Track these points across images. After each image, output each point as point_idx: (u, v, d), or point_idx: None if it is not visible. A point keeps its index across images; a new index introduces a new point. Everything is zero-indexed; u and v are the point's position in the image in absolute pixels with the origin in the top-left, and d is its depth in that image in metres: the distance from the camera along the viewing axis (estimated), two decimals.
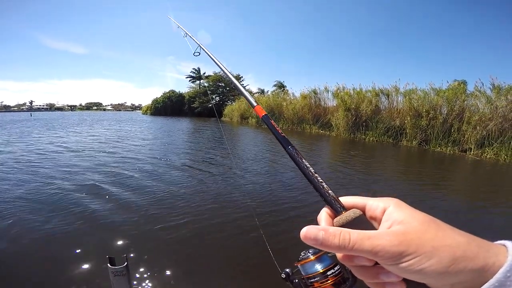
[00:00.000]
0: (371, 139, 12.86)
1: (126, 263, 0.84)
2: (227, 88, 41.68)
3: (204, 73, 48.72)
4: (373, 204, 0.31)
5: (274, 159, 7.46)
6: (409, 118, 11.52)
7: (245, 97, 0.55)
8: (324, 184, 0.34)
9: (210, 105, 40.63)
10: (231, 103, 34.80)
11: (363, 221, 0.30)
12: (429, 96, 11.61)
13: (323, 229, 0.27)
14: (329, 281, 0.48)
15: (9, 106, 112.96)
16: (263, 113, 0.48)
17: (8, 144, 9.57)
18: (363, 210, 0.31)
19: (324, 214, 0.33)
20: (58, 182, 4.62)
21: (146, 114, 46.86)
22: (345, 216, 0.31)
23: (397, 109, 12.93)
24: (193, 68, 50.56)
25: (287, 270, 0.56)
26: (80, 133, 14.20)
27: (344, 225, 0.30)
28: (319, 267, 0.50)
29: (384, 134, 12.62)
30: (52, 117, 36.28)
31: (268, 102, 21.31)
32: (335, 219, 0.31)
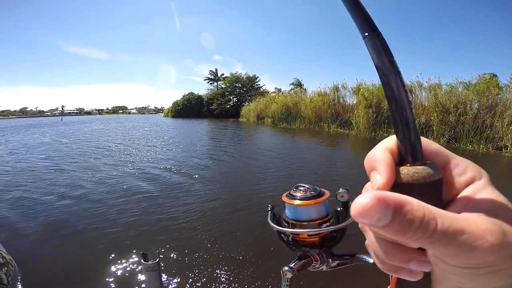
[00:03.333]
0: None
1: (158, 259, 0.85)
2: (244, 89, 41.86)
3: (222, 75, 49.34)
4: (460, 165, 0.21)
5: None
6: (435, 114, 10.83)
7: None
8: (411, 101, 0.20)
9: (228, 106, 41.11)
10: (248, 104, 34.91)
11: (439, 190, 0.19)
12: (456, 90, 10.85)
13: (397, 202, 0.16)
14: (318, 236, 0.41)
15: (43, 111, 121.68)
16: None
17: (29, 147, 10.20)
18: (443, 167, 0.21)
19: (385, 154, 0.20)
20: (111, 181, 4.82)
21: (167, 116, 48.18)
22: (420, 170, 0.19)
23: (421, 105, 12.23)
24: (210, 70, 51.49)
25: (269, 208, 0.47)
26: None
27: (416, 186, 0.19)
28: (315, 216, 0.41)
29: None
30: (83, 120, 38.47)
31: (285, 101, 21.08)
32: (405, 170, 0.19)
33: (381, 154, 0.21)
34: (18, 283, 0.69)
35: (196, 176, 5.43)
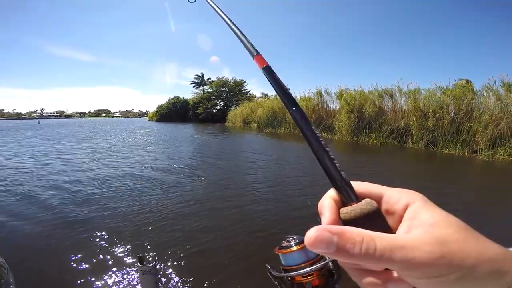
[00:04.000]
0: (375, 141, 12.40)
1: (154, 262, 0.87)
2: (231, 93, 41.73)
3: (209, 79, 49.07)
4: (393, 196, 0.25)
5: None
6: (414, 119, 11.05)
7: (245, 44, 0.47)
8: (336, 161, 0.26)
9: (215, 111, 40.77)
10: (235, 108, 34.79)
11: (379, 219, 0.24)
12: (434, 95, 11.14)
13: (337, 232, 0.20)
14: (313, 276, 0.42)
15: (21, 114, 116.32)
16: (265, 64, 0.39)
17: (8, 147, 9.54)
18: (378, 201, 0.25)
19: (329, 201, 0.26)
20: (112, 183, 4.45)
21: (152, 120, 47.39)
22: (358, 208, 0.24)
23: (401, 110, 12.47)
24: (196, 74, 50.99)
25: (268, 266, 0.47)
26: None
27: (356, 221, 0.23)
28: (302, 259, 0.43)
29: (388, 136, 12.14)
30: (61, 124, 36.93)
31: (272, 106, 21.08)
32: (344, 210, 0.24)
33: (325, 202, 0.26)
34: (12, 286, 0.77)
35: (188, 179, 5.35)
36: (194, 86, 50.16)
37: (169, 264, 2.44)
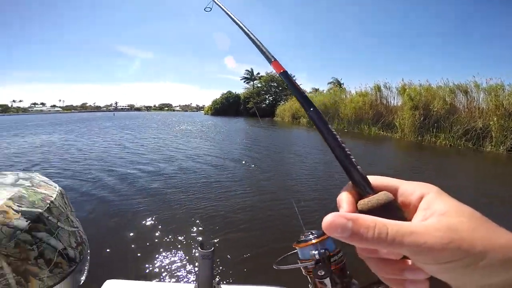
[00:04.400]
0: (444, 142, 11.12)
1: (213, 248, 0.91)
2: (280, 88, 41.63)
3: (258, 74, 49.73)
4: (408, 188, 0.26)
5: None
6: (495, 119, 9.56)
7: (262, 51, 0.49)
8: (352, 157, 0.27)
9: (264, 105, 41.32)
10: (284, 103, 34.70)
11: (394, 210, 0.25)
12: None
13: (352, 218, 0.22)
14: (332, 268, 0.43)
15: (99, 107, 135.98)
16: (282, 69, 0.42)
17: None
18: (394, 194, 0.26)
19: (346, 194, 0.27)
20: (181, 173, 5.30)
21: (208, 114, 50.28)
22: (375, 199, 0.25)
23: (478, 108, 10.89)
24: (246, 69, 52.11)
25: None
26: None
27: (373, 210, 0.25)
28: (320, 252, 0.44)
29: (461, 137, 10.75)
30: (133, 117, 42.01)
31: (323, 101, 20.50)
32: (361, 202, 0.26)
33: (342, 195, 0.27)
34: (87, 262, 0.89)
35: (244, 169, 5.69)
36: (244, 81, 51.54)
37: (225, 252, 2.59)
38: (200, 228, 3.13)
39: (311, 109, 0.31)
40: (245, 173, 5.87)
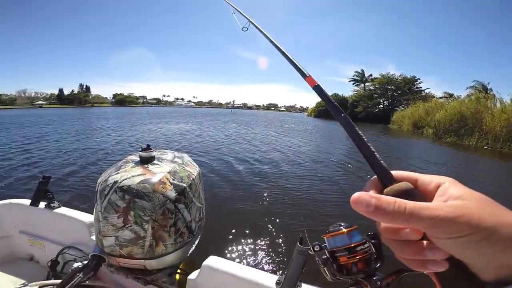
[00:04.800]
0: None
1: (310, 246, 0.92)
2: (399, 92, 36.46)
3: (370, 75, 45.20)
4: (426, 179, 0.30)
5: None
6: None
7: (296, 67, 0.55)
8: (376, 154, 0.32)
9: (376, 110, 37.28)
10: (404, 108, 30.17)
11: (414, 195, 0.28)
12: None
13: (376, 196, 0.26)
14: (357, 257, 0.47)
15: (221, 104, 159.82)
16: (315, 83, 0.48)
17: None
18: (414, 184, 0.29)
19: (371, 183, 0.32)
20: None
21: (310, 116, 50.21)
22: (396, 186, 0.29)
23: None
24: (356, 71, 48.13)
25: (318, 243, 0.52)
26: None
27: (394, 196, 0.28)
28: (350, 241, 0.48)
29: None
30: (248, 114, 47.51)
31: (459, 108, 16.57)
32: (385, 190, 0.30)
33: (368, 184, 0.32)
34: (199, 236, 1.03)
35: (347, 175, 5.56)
36: (353, 84, 47.96)
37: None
38: (305, 224, 3.22)
39: (342, 114, 0.38)
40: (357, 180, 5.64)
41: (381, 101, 38.45)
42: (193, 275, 0.94)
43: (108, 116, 26.81)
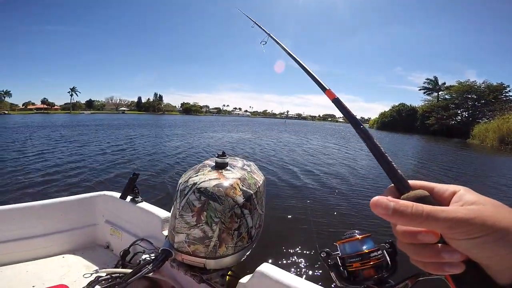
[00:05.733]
0: None
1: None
2: (482, 101, 31.58)
3: (444, 83, 40.21)
4: (442, 188, 0.31)
5: None
6: None
7: (316, 81, 0.55)
8: (393, 163, 0.33)
9: (453, 122, 32.94)
10: (488, 121, 26.00)
11: (430, 201, 0.28)
12: None
13: (394, 200, 0.26)
14: (370, 263, 0.48)
15: (275, 114, 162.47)
16: (334, 96, 0.48)
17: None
18: (430, 192, 0.30)
19: (388, 191, 0.32)
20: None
21: (372, 127, 46.97)
22: (413, 193, 0.29)
23: None
24: (428, 78, 43.63)
25: (327, 249, 0.54)
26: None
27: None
28: (363, 248, 0.50)
29: None
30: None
31: None
32: (402, 196, 0.30)
33: (386, 191, 0.32)
34: (256, 242, 1.06)
35: None
36: (424, 93, 43.74)
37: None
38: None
39: (361, 126, 0.38)
40: None
41: (459, 112, 33.92)
42: (244, 279, 0.95)
43: (179, 123, 30.29)
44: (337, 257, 0.52)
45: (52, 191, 4.35)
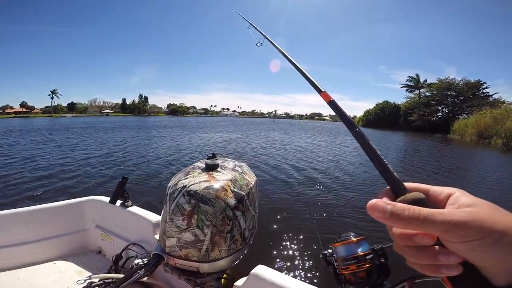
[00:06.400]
0: None
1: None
2: (461, 98, 32.93)
3: (425, 81, 41.70)
4: (437, 190, 0.31)
5: None
6: None
7: (312, 83, 0.55)
8: (389, 165, 0.33)
9: (434, 119, 34.16)
10: (467, 116, 27.20)
11: (426, 204, 0.28)
12: None
13: (391, 203, 0.27)
14: (366, 266, 0.48)
15: (263, 113, 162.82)
16: (330, 98, 0.48)
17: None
18: (425, 195, 0.30)
19: (384, 193, 0.32)
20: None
21: (358, 125, 48.07)
22: (409, 195, 0.29)
23: None
24: (409, 76, 44.82)
25: (326, 251, 0.55)
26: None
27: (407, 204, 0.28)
28: (358, 250, 0.50)
29: None
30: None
31: None
32: (398, 199, 0.30)
33: (381, 194, 0.32)
34: (250, 244, 1.07)
35: None
36: (406, 90, 44.94)
37: None
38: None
39: (357, 129, 0.38)
40: None
41: (440, 108, 35.21)
42: (239, 282, 0.94)
43: (166, 125, 29.87)
44: (333, 260, 0.53)
45: (39, 197, 4.25)
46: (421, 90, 41.89)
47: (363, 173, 6.74)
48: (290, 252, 2.77)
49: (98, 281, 1.03)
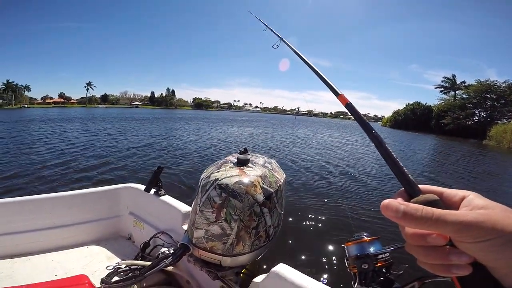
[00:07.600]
0: None
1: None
2: (501, 101, 30.31)
3: (463, 82, 38.90)
4: (451, 193, 0.31)
5: None
6: None
7: (329, 86, 0.55)
8: (404, 168, 0.33)
9: (470, 123, 31.96)
10: (506, 122, 25.28)
11: (440, 205, 0.28)
12: None
13: (404, 203, 0.27)
14: (378, 265, 0.49)
15: (286, 110, 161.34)
16: (347, 101, 0.49)
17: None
18: (440, 197, 0.30)
19: (398, 194, 0.32)
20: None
21: (385, 126, 46.05)
22: (423, 197, 0.30)
23: None
24: (444, 77, 42.05)
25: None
26: None
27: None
28: (371, 250, 0.51)
29: None
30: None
31: None
32: (412, 200, 0.30)
33: (396, 195, 0.32)
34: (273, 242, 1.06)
35: None
36: (441, 91, 42.21)
37: None
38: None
39: (373, 132, 0.39)
40: None
41: (476, 112, 32.74)
42: (258, 279, 0.94)
43: (192, 118, 30.84)
44: (344, 259, 0.55)
45: (79, 182, 4.57)
46: (456, 92, 39.15)
47: (392, 177, 6.39)
48: (313, 252, 2.68)
49: (124, 267, 1.06)
